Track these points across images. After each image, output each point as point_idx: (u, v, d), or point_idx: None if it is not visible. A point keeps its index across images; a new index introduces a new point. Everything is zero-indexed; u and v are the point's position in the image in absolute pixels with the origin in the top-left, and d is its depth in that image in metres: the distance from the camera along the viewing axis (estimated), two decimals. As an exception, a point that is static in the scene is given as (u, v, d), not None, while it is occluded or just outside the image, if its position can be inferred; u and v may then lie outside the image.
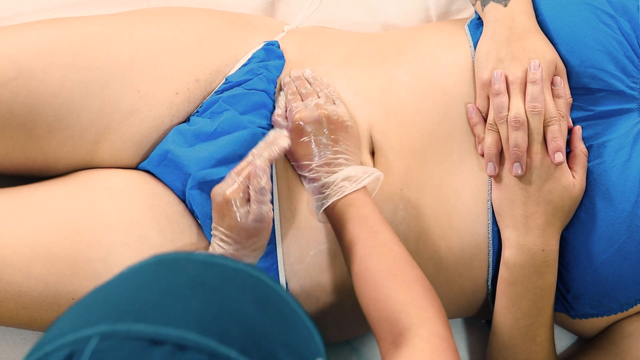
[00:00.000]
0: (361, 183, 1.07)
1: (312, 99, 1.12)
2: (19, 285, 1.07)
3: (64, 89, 1.11)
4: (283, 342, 0.60)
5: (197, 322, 0.57)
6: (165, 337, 0.55)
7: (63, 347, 0.56)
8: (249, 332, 0.58)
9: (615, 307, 1.12)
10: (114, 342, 0.55)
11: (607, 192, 1.07)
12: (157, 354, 0.55)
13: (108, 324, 0.57)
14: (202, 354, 0.55)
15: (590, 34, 1.08)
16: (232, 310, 0.59)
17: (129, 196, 1.13)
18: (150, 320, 0.57)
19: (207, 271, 0.63)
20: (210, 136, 1.13)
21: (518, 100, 1.05)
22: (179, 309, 0.58)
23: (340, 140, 1.10)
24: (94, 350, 0.55)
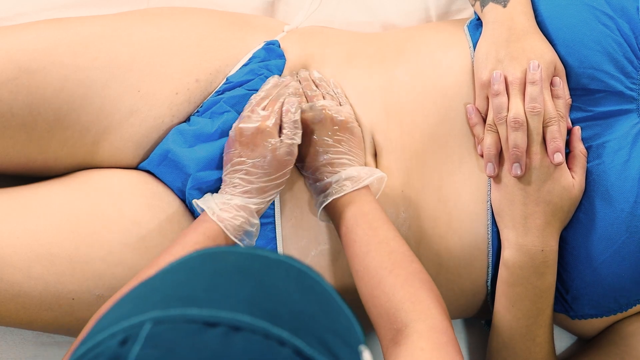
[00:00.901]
0: (363, 183, 1.07)
1: (318, 100, 1.12)
2: (19, 285, 1.07)
3: (64, 89, 1.11)
4: (329, 327, 0.61)
5: (247, 305, 0.58)
6: (219, 319, 0.56)
7: (116, 334, 0.57)
8: (297, 316, 0.59)
9: (614, 308, 1.12)
10: (168, 326, 0.56)
11: (607, 193, 1.07)
12: (212, 335, 0.55)
13: (160, 310, 0.57)
14: (256, 335, 0.56)
15: (589, 34, 1.08)
16: (279, 295, 0.60)
17: (129, 196, 1.13)
18: (202, 304, 0.57)
19: (251, 261, 0.64)
20: (210, 137, 1.13)
21: (517, 100, 1.05)
22: (228, 293, 0.59)
23: (344, 141, 1.10)
24: (148, 335, 0.55)
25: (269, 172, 1.07)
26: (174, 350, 0.55)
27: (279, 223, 1.13)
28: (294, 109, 1.08)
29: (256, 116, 1.08)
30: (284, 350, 0.56)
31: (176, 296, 0.59)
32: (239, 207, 1.06)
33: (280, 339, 0.56)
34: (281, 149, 1.06)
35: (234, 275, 0.61)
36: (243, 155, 1.07)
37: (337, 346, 0.60)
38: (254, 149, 1.06)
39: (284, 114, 1.08)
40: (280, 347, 0.56)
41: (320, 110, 1.10)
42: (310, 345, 0.57)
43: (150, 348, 0.55)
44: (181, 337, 0.55)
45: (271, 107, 1.09)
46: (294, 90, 1.12)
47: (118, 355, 0.55)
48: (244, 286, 0.60)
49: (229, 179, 1.08)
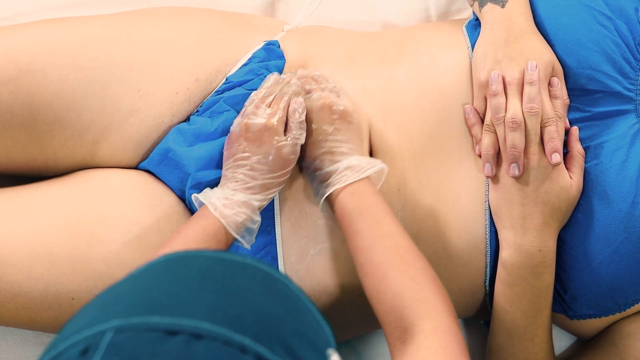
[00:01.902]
0: (364, 173, 1.06)
1: (316, 92, 1.12)
2: (19, 285, 1.07)
3: (64, 89, 1.12)
4: (295, 331, 0.61)
5: (210, 312, 0.58)
6: (180, 327, 0.56)
7: (78, 343, 0.57)
8: (261, 321, 0.59)
9: (612, 308, 1.12)
10: (130, 335, 0.56)
11: (604, 193, 1.07)
12: (173, 343, 0.55)
13: (122, 318, 0.57)
14: (217, 342, 0.56)
15: (587, 35, 1.08)
16: (243, 300, 0.60)
17: (129, 196, 1.13)
18: (164, 312, 0.57)
19: (217, 265, 0.64)
20: (210, 136, 1.14)
21: (515, 101, 1.05)
22: (191, 301, 0.59)
23: (343, 130, 1.09)
24: (109, 343, 0.56)
25: (273, 169, 1.07)
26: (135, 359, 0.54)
27: (278, 222, 1.13)
28: (300, 109, 1.08)
29: (262, 112, 1.08)
30: (246, 357, 0.56)
31: (139, 303, 0.59)
32: (242, 204, 1.06)
33: (241, 346, 0.56)
34: (286, 147, 1.07)
35: (197, 281, 0.61)
36: (248, 150, 1.07)
37: (302, 350, 0.59)
38: (260, 146, 1.06)
39: (290, 114, 1.08)
40: (241, 354, 0.56)
41: (319, 99, 1.10)
42: (273, 352, 0.57)
43: (111, 357, 0.55)
44: (142, 345, 0.55)
45: (276, 105, 1.09)
46: (297, 88, 1.12)
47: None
48: (206, 292, 0.60)
49: (230, 173, 1.08)
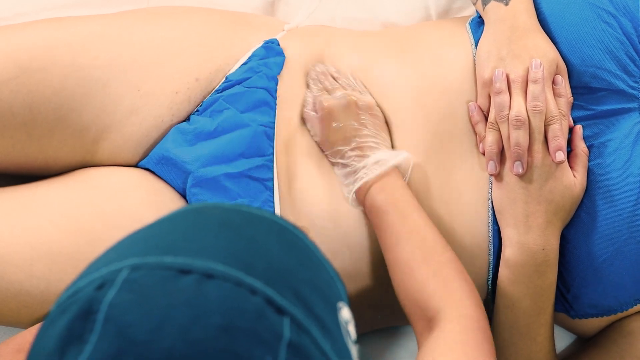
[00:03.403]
0: (388, 164, 1.08)
1: (339, 90, 1.13)
2: (21, 284, 1.07)
3: (64, 88, 1.11)
4: (307, 281, 0.62)
5: (222, 255, 0.59)
6: (192, 267, 0.58)
7: (94, 280, 0.59)
8: (273, 267, 0.60)
9: (615, 307, 1.12)
10: (144, 272, 0.58)
11: (608, 192, 1.07)
12: (185, 281, 0.57)
13: (138, 257, 0.59)
14: (228, 282, 0.57)
15: (591, 32, 1.08)
16: (257, 248, 0.62)
17: (129, 193, 1.13)
18: (178, 253, 0.59)
19: (234, 215, 0.65)
20: (210, 135, 1.13)
21: (519, 99, 1.05)
22: (205, 244, 0.60)
23: (369, 125, 1.11)
24: (124, 280, 0.57)
25: None
26: (148, 295, 0.56)
27: None
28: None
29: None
30: (255, 298, 0.57)
31: (155, 245, 0.61)
32: None
33: (252, 288, 0.58)
34: None
35: (213, 227, 0.63)
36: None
37: (312, 299, 0.61)
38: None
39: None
40: (251, 295, 0.57)
41: (344, 97, 1.11)
42: (283, 296, 0.59)
43: (125, 292, 0.57)
44: (155, 282, 0.57)
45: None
46: None
47: (93, 299, 0.57)
48: (222, 238, 0.61)
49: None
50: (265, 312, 0.57)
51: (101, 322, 0.56)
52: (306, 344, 0.58)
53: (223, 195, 1.12)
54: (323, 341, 0.59)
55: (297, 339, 0.58)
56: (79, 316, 0.57)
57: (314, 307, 0.61)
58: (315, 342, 0.59)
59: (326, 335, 0.60)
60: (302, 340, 0.58)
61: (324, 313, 0.61)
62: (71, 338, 0.56)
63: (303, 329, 0.58)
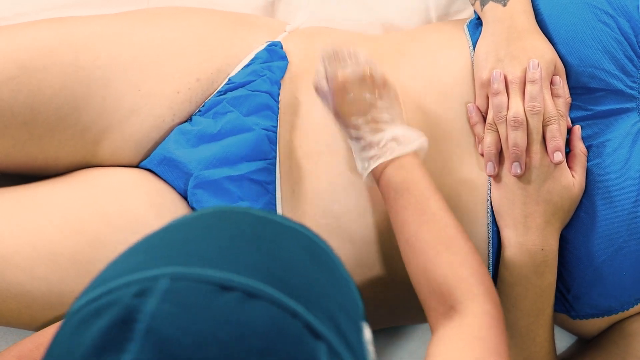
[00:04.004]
0: (410, 146, 1.04)
1: (352, 64, 1.09)
2: (22, 285, 1.07)
3: (65, 88, 1.12)
4: (337, 301, 0.62)
5: (262, 273, 0.58)
6: (235, 284, 0.57)
7: (131, 284, 0.58)
8: (309, 288, 0.60)
9: (615, 307, 1.12)
10: (185, 284, 0.57)
11: (607, 192, 1.07)
12: (227, 298, 0.56)
13: (177, 266, 0.58)
14: (272, 305, 0.57)
15: (589, 33, 1.08)
16: (292, 264, 0.61)
17: (131, 194, 1.13)
18: (218, 266, 0.58)
19: (265, 225, 0.65)
20: (213, 137, 1.14)
21: (517, 99, 1.05)
22: (243, 258, 0.60)
23: (384, 97, 1.07)
24: (165, 290, 0.56)
25: None
26: (190, 309, 0.56)
27: None
28: None
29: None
30: (295, 322, 0.57)
31: (192, 254, 0.59)
32: None
33: (293, 312, 0.57)
34: None
35: (247, 239, 0.62)
36: None
37: (343, 322, 0.60)
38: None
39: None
40: (292, 319, 0.57)
41: (358, 69, 1.07)
42: (320, 321, 0.58)
43: (167, 304, 0.56)
44: (197, 297, 0.56)
45: None
46: None
47: (133, 307, 0.56)
48: (257, 251, 0.61)
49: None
50: (304, 337, 0.57)
51: (142, 333, 0.55)
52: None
53: (225, 197, 1.12)
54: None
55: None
56: (118, 323, 0.56)
57: (345, 331, 0.60)
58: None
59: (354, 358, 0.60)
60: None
61: (352, 335, 0.61)
62: (109, 345, 0.55)
63: (337, 355, 0.58)
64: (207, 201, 1.12)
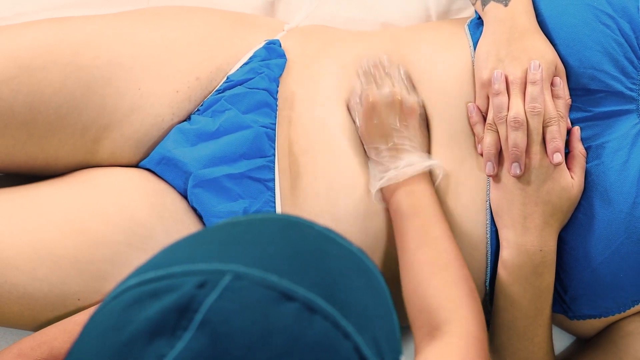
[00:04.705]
0: (418, 167, 1.08)
1: (387, 86, 1.12)
2: (24, 287, 1.07)
3: (64, 87, 1.12)
4: (383, 331, 0.62)
5: (324, 290, 0.58)
6: (296, 295, 0.57)
7: (194, 273, 0.57)
8: (363, 313, 0.60)
9: (612, 308, 1.12)
10: (247, 284, 0.57)
11: (605, 193, 1.07)
12: (287, 307, 0.56)
13: (242, 266, 0.58)
14: (328, 322, 0.57)
15: (589, 34, 1.09)
16: (350, 286, 0.61)
17: (131, 194, 1.13)
18: (281, 274, 0.58)
19: (328, 243, 0.65)
20: (212, 135, 1.14)
21: (518, 100, 1.05)
22: (307, 271, 0.59)
23: (410, 127, 1.10)
24: (227, 286, 0.56)
25: None
26: (249, 310, 0.55)
27: None
28: None
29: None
30: (347, 343, 0.57)
31: (257, 256, 0.59)
32: None
33: (345, 332, 0.57)
34: None
35: (310, 253, 0.62)
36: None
37: (385, 351, 0.61)
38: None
39: None
40: (344, 339, 0.57)
41: (391, 94, 1.11)
42: (368, 345, 0.58)
43: (227, 300, 0.55)
44: (258, 299, 0.56)
45: None
46: None
47: (194, 296, 0.55)
48: (320, 267, 0.61)
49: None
50: (352, 358, 0.57)
51: (198, 323, 0.54)
52: None
53: (225, 196, 1.12)
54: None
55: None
56: (176, 309, 0.55)
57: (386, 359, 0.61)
58: None
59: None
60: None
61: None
62: (163, 329, 0.55)
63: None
64: (207, 200, 1.12)
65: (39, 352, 1.01)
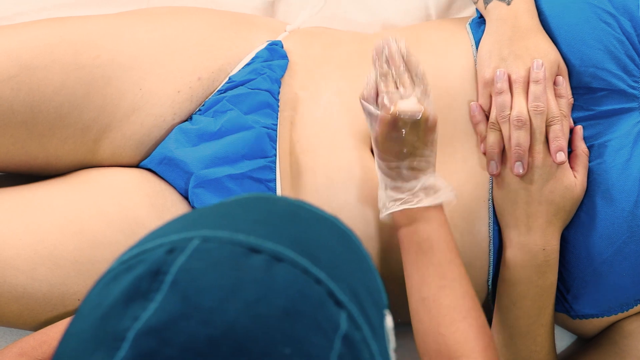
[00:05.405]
0: (437, 200, 1.02)
1: (409, 90, 1.02)
2: (23, 288, 1.07)
3: (65, 87, 1.11)
4: (362, 284, 0.63)
5: (292, 243, 0.60)
6: (263, 247, 0.59)
7: (164, 245, 0.60)
8: (336, 264, 0.62)
9: (615, 307, 1.12)
10: (214, 245, 0.59)
11: (608, 192, 1.07)
12: (255, 260, 0.58)
13: (209, 230, 0.60)
14: (296, 268, 0.59)
15: (590, 33, 1.09)
16: (321, 243, 0.63)
17: (131, 195, 1.13)
18: (249, 233, 0.60)
19: (300, 210, 0.67)
20: (214, 136, 1.13)
21: (521, 99, 1.05)
22: (275, 230, 0.62)
23: (428, 144, 1.02)
24: (195, 249, 0.58)
25: None
26: (218, 266, 0.57)
27: None
28: None
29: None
30: (319, 288, 0.59)
31: (227, 223, 0.61)
32: None
33: (316, 278, 0.59)
34: None
35: (281, 216, 0.64)
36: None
37: (365, 301, 0.62)
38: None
39: None
40: (315, 284, 0.59)
41: (416, 106, 1.00)
42: (343, 292, 0.60)
43: (196, 260, 0.57)
44: (226, 256, 0.58)
45: None
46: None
47: (163, 261, 0.58)
48: (291, 227, 0.63)
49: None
50: (326, 302, 0.59)
51: (169, 284, 0.56)
52: (358, 340, 0.59)
53: (226, 196, 1.12)
54: (372, 342, 0.61)
55: (352, 334, 0.59)
56: (147, 275, 0.57)
57: (367, 309, 0.62)
58: (366, 341, 0.60)
59: (374, 337, 0.61)
60: (355, 337, 0.59)
61: (373, 316, 0.63)
62: (136, 294, 0.57)
63: (357, 326, 0.60)
64: (209, 200, 1.12)
65: (40, 351, 1.01)
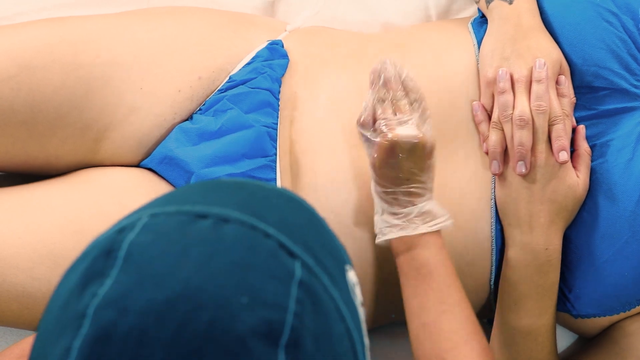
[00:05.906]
0: (433, 227, 1.02)
1: (406, 116, 1.02)
2: (23, 287, 1.06)
3: (65, 86, 1.11)
4: (316, 239, 0.65)
5: (238, 205, 0.62)
6: (209, 212, 0.61)
7: (113, 227, 0.62)
8: (285, 221, 0.63)
9: (617, 307, 1.12)
10: (163, 218, 0.61)
11: (610, 191, 1.08)
12: (202, 224, 0.60)
13: (156, 208, 0.63)
14: (243, 226, 0.60)
15: (593, 32, 1.09)
16: (270, 205, 0.65)
17: (132, 194, 1.12)
18: (196, 203, 0.62)
19: (248, 182, 0.69)
20: (214, 135, 1.13)
21: (523, 98, 1.05)
22: (221, 197, 0.64)
23: (425, 169, 1.02)
24: (144, 225, 0.61)
25: None
26: (166, 236, 0.60)
27: None
28: None
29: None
30: (269, 241, 0.60)
31: (174, 200, 0.64)
32: None
33: (265, 232, 0.61)
34: None
35: (228, 187, 0.66)
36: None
37: (321, 253, 0.63)
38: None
39: None
40: (265, 238, 0.60)
41: (414, 132, 1.01)
42: (295, 243, 0.61)
43: (145, 234, 0.60)
44: (173, 225, 0.60)
45: None
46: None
47: (114, 240, 0.60)
48: (237, 194, 0.65)
49: None
50: (278, 253, 0.60)
51: (122, 259, 0.58)
52: (316, 286, 0.61)
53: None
54: (332, 289, 0.62)
55: (308, 280, 0.60)
56: (101, 255, 0.59)
57: (323, 260, 0.63)
58: (325, 288, 0.61)
59: (335, 285, 0.63)
60: (312, 283, 0.60)
61: (332, 268, 0.64)
62: (93, 275, 0.59)
63: (313, 274, 0.61)
64: None
65: None
